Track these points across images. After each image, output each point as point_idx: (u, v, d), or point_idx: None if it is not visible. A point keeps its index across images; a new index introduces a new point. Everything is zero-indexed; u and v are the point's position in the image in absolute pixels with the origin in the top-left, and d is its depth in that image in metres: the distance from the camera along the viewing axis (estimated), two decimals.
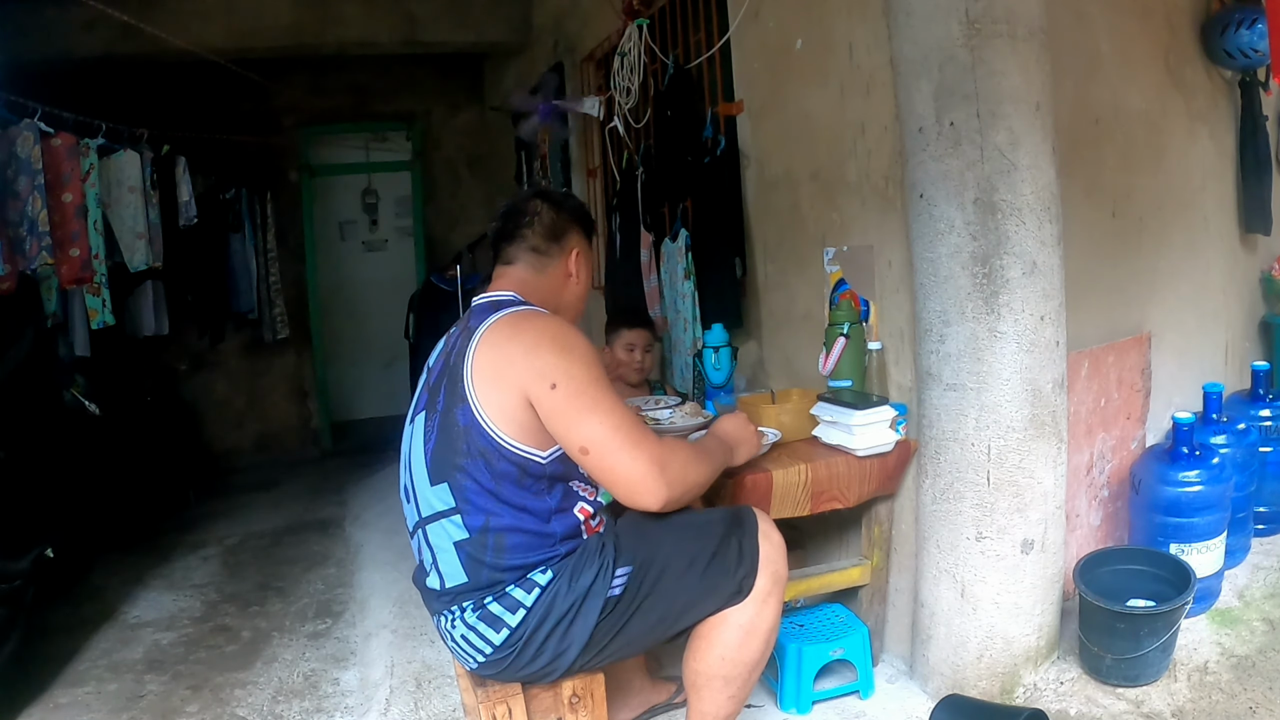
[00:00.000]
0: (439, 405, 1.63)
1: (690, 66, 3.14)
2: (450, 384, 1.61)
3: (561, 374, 1.53)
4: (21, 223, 3.42)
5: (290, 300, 5.90)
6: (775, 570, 1.68)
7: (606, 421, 1.54)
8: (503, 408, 1.54)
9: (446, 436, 1.59)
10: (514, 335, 1.59)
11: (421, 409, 1.70)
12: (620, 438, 1.54)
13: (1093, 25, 2.37)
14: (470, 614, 1.59)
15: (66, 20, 4.21)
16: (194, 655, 2.94)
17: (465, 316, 1.75)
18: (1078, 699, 2.03)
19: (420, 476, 1.65)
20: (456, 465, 1.57)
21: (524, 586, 1.57)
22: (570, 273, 1.82)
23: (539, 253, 1.78)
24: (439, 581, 1.63)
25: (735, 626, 1.65)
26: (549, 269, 1.79)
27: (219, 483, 5.35)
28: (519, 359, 1.55)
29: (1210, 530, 2.24)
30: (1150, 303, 2.58)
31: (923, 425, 2.15)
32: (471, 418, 1.55)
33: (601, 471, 1.57)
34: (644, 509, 1.60)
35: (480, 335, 1.60)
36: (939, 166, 2.00)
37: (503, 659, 1.59)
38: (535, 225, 1.78)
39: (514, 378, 1.54)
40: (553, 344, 1.57)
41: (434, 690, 2.47)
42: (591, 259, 1.93)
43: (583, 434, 1.54)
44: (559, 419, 1.54)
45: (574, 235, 1.83)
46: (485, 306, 1.70)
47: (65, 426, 3.71)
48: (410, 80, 6.23)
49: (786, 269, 2.77)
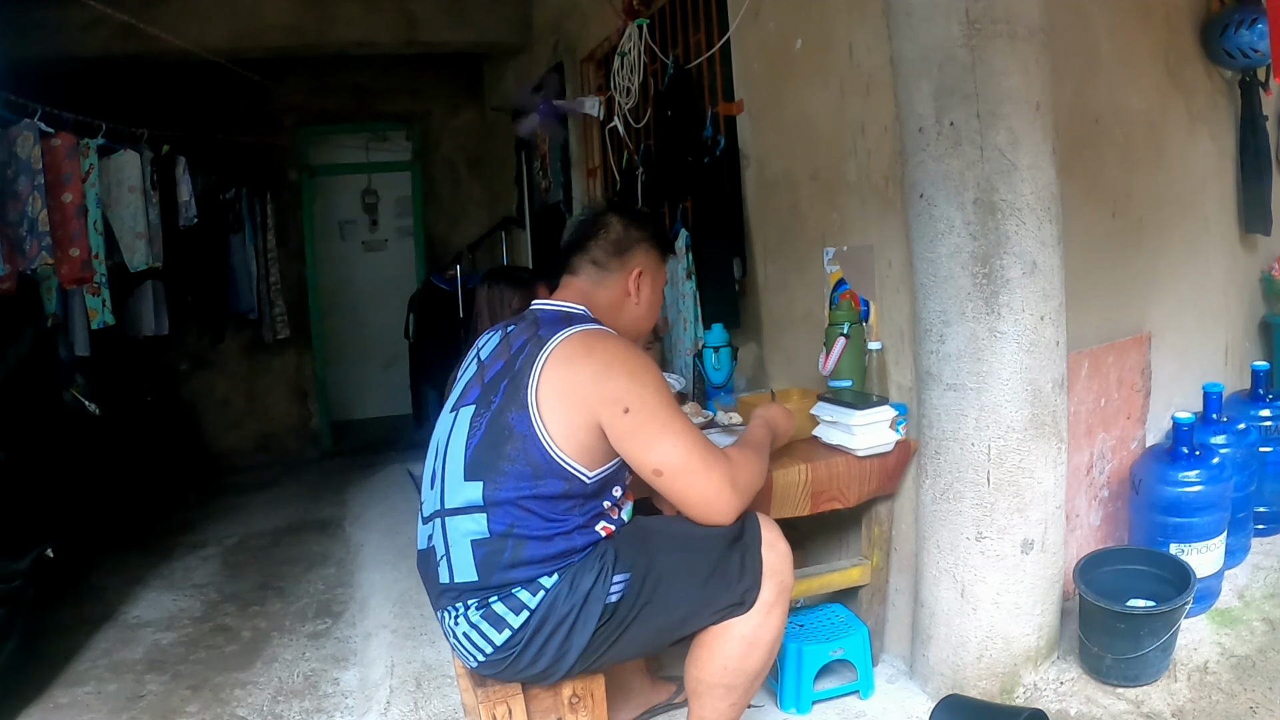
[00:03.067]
0: (493, 404, 1.62)
1: (690, 66, 3.14)
2: (511, 388, 1.60)
3: (635, 399, 1.56)
4: (21, 223, 3.42)
5: (290, 300, 5.90)
6: (781, 581, 1.67)
7: (680, 444, 1.57)
8: (568, 426, 1.55)
9: (494, 437, 1.59)
10: (587, 355, 1.59)
11: (470, 402, 1.67)
12: (695, 460, 1.57)
13: (1093, 25, 2.37)
14: (474, 612, 1.59)
15: (66, 20, 4.21)
16: (194, 655, 2.94)
17: (532, 321, 1.71)
18: (1078, 699, 2.03)
19: (454, 469, 1.63)
20: (498, 468, 1.56)
21: (530, 589, 1.56)
22: (629, 292, 1.79)
23: (598, 266, 1.78)
24: (448, 575, 1.63)
25: (738, 637, 1.64)
26: (607, 283, 1.78)
27: (219, 483, 5.35)
28: (590, 383, 1.57)
29: (1210, 530, 2.24)
30: (1150, 303, 2.58)
31: (923, 425, 2.15)
32: (529, 427, 1.55)
33: (676, 492, 1.60)
34: (717, 525, 1.62)
35: (553, 348, 1.60)
36: (939, 166, 2.00)
37: (503, 659, 1.59)
38: (601, 238, 1.78)
39: (584, 400, 1.56)
40: (624, 368, 1.58)
41: (434, 690, 2.47)
42: (661, 281, 1.88)
43: (657, 457, 1.57)
44: (632, 442, 1.57)
45: (639, 254, 1.80)
46: (556, 317, 1.69)
47: (65, 426, 3.71)
48: (410, 80, 6.23)
49: (786, 269, 2.77)
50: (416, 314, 5.46)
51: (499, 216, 5.83)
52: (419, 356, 5.43)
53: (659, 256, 1.85)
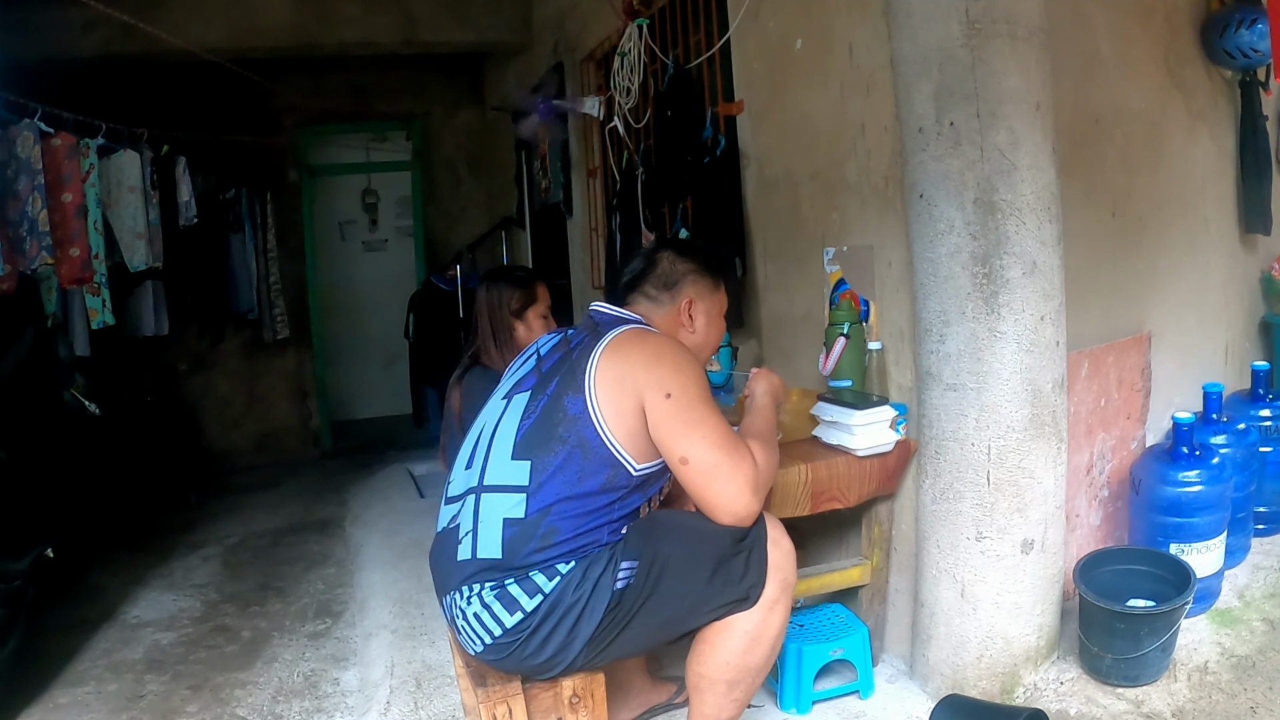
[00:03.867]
0: (549, 390, 1.69)
1: (690, 66, 3.14)
2: (568, 374, 1.67)
3: (676, 387, 1.62)
4: (21, 223, 3.42)
5: (290, 300, 5.90)
6: (784, 578, 1.68)
7: (710, 438, 1.61)
8: (618, 410, 1.62)
9: (549, 419, 1.65)
10: (639, 344, 1.69)
11: (526, 389, 1.74)
12: (722, 456, 1.60)
13: (1093, 25, 2.37)
14: (489, 592, 1.59)
15: (66, 20, 4.21)
16: (194, 655, 2.94)
17: (592, 323, 1.80)
18: (1078, 699, 2.03)
19: (502, 448, 1.68)
20: (549, 448, 1.62)
21: (547, 574, 1.58)
22: (683, 322, 1.85)
23: (651, 300, 1.85)
24: (470, 551, 1.63)
25: (741, 633, 1.65)
26: (662, 312, 1.85)
27: (219, 483, 5.35)
28: (639, 367, 1.64)
29: (1210, 530, 2.24)
30: (1150, 303, 2.58)
31: (923, 425, 2.15)
32: (583, 408, 1.62)
33: (697, 486, 1.62)
34: (731, 526, 1.63)
35: (609, 340, 1.68)
36: (939, 166, 2.00)
37: (509, 644, 1.59)
38: (651, 275, 1.86)
39: (632, 382, 1.63)
40: (672, 359, 1.66)
41: (434, 690, 2.47)
42: (718, 308, 1.92)
43: (686, 446, 1.61)
44: (666, 427, 1.61)
45: (688, 285, 1.85)
46: (613, 318, 1.79)
47: (65, 426, 3.70)
48: (410, 80, 6.23)
49: (786, 269, 2.77)
50: (416, 314, 5.46)
51: (499, 216, 5.83)
52: (419, 356, 5.44)
53: (710, 283, 1.89)
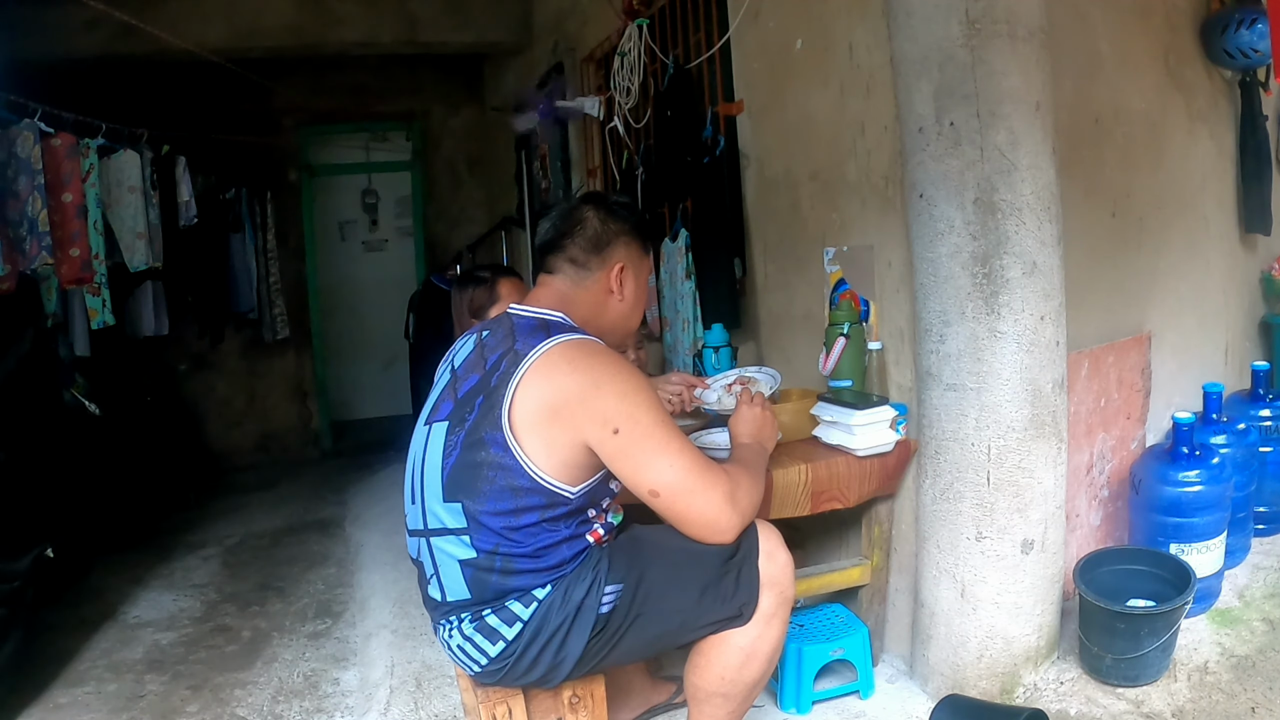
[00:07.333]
0: (467, 423, 1.54)
1: (690, 66, 3.14)
2: (486, 407, 1.52)
3: (625, 418, 1.48)
4: (21, 223, 3.42)
5: (290, 300, 5.91)
6: (781, 591, 1.63)
7: (677, 463, 1.50)
8: (549, 445, 1.49)
9: (471, 460, 1.52)
10: (570, 369, 1.50)
11: (443, 418, 1.60)
12: (692, 480, 1.51)
13: (1093, 25, 2.37)
14: (468, 625, 1.57)
15: (66, 20, 4.21)
16: (194, 655, 2.94)
17: (509, 329, 1.60)
18: (1078, 699, 2.03)
19: (433, 489, 1.58)
20: (477, 489, 1.51)
21: (523, 600, 1.54)
22: (611, 289, 1.69)
23: (577, 265, 1.67)
24: (439, 593, 1.60)
25: (736, 648, 1.62)
26: (587, 282, 1.67)
27: (219, 483, 5.36)
28: (576, 401, 1.48)
29: (1210, 530, 2.24)
30: (1150, 303, 2.58)
31: (923, 425, 2.15)
32: (504, 447, 1.48)
33: (675, 514, 1.54)
34: (718, 544, 1.56)
35: (530, 364, 1.50)
36: (939, 166, 2.00)
37: (500, 668, 1.58)
38: (578, 235, 1.67)
39: (570, 419, 1.48)
40: (612, 386, 1.49)
41: (434, 690, 2.47)
42: (645, 274, 1.77)
43: (651, 478, 1.50)
44: (625, 462, 1.50)
45: (620, 248, 1.69)
46: (533, 325, 1.59)
47: (65, 427, 3.71)
48: (410, 80, 6.23)
49: (786, 269, 2.77)
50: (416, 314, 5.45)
51: (499, 216, 5.83)
52: (419, 356, 5.42)
53: (640, 248, 1.74)
